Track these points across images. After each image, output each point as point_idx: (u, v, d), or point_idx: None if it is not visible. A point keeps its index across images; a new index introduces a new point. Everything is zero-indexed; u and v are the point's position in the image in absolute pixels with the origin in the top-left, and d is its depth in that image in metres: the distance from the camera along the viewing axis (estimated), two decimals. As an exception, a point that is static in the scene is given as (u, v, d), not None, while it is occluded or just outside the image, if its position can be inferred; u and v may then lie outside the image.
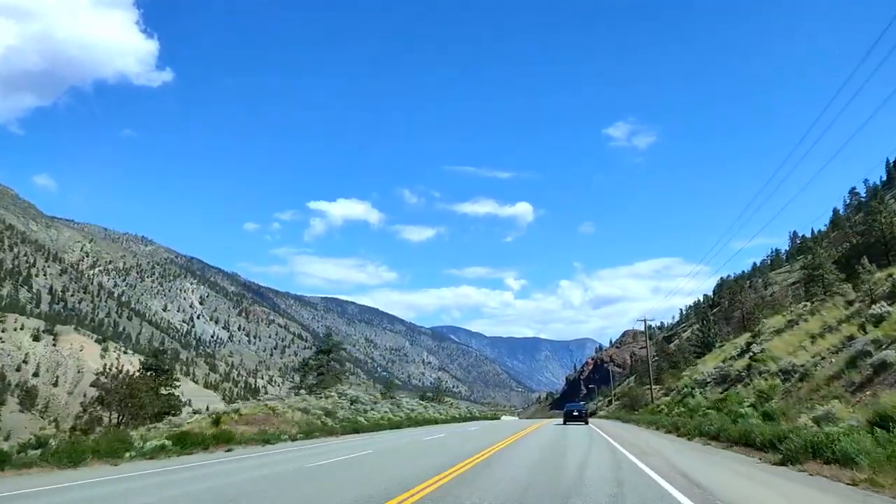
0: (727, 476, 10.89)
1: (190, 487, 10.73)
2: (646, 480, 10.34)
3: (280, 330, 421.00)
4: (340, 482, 10.90)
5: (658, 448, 17.61)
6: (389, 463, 14.61)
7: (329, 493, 9.52)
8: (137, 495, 9.93)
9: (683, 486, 9.42)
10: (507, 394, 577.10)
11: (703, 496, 8.58)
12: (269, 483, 10.95)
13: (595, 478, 10.63)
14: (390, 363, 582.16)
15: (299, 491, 9.93)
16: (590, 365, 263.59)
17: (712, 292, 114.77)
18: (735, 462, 13.09)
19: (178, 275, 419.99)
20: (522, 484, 9.94)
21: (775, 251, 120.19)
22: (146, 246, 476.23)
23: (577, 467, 12.49)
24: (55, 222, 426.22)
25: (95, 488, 11.11)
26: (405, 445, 21.36)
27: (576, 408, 44.01)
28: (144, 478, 12.71)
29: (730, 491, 9.00)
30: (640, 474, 11.21)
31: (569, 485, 9.84)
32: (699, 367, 45.39)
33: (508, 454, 16.10)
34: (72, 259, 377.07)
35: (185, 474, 13.21)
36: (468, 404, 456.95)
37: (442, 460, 14.15)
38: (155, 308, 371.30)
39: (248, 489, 10.20)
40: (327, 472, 12.60)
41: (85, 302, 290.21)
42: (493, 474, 11.36)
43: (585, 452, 16.25)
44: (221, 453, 19.62)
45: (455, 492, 9.09)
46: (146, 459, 17.27)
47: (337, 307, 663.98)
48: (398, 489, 9.38)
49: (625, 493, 8.95)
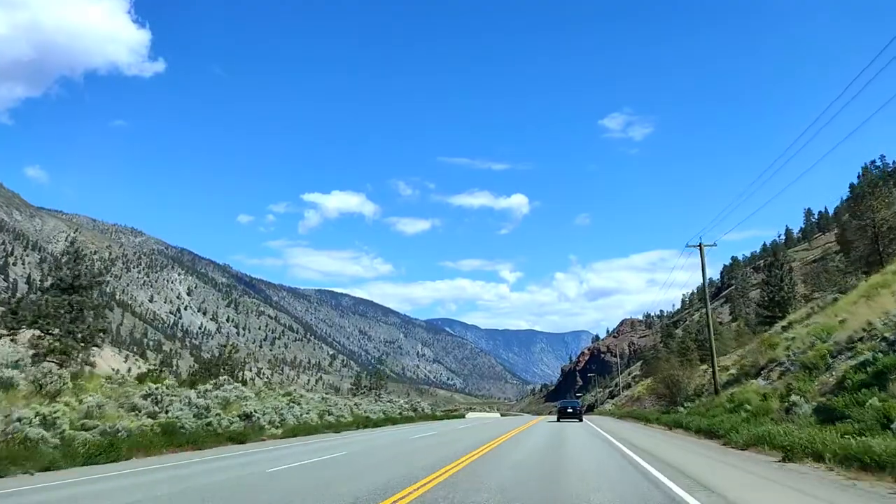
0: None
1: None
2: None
3: (270, 321, 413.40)
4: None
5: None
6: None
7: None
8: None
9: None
10: (503, 386, 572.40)
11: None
12: None
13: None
14: (384, 355, 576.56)
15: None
16: (585, 355, 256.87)
17: (719, 275, 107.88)
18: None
19: (166, 265, 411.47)
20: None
21: (786, 231, 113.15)
22: (136, 237, 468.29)
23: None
24: (40, 212, 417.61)
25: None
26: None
27: (570, 405, 43.62)
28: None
29: None
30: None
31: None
32: (788, 335, 27.77)
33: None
34: (56, 249, 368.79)
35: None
36: (463, 396, 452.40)
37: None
38: (141, 299, 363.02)
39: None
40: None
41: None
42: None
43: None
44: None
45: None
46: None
47: (331, 299, 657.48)
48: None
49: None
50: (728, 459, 13.78)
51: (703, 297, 37.87)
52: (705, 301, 37.07)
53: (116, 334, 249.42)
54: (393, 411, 39.77)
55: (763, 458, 13.35)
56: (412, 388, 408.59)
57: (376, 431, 29.69)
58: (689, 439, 20.70)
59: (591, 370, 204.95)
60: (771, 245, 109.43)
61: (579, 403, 48.01)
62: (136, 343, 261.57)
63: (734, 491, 8.86)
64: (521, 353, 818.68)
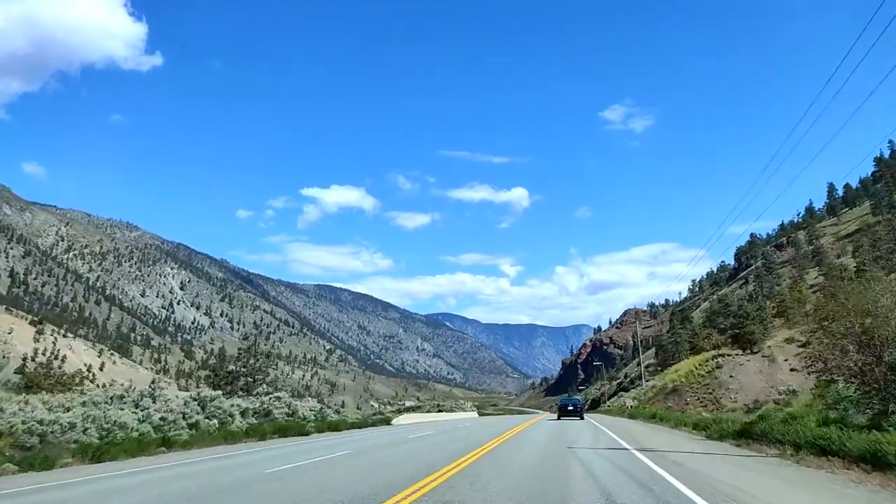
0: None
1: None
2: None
3: (265, 316, 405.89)
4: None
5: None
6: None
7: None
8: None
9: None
10: (503, 380, 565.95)
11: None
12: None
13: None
14: (384, 350, 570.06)
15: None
16: (587, 347, 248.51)
17: (733, 258, 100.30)
18: None
19: (159, 259, 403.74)
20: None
21: (809, 207, 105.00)
22: (131, 232, 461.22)
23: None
24: (31, 207, 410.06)
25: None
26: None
27: (570, 402, 42.24)
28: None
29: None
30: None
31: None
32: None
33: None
34: (46, 243, 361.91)
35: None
36: (463, 391, 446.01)
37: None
38: (132, 293, 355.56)
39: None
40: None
41: (49, 285, 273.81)
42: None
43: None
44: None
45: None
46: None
47: (330, 294, 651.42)
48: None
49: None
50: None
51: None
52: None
53: (102, 329, 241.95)
54: (277, 412, 24.70)
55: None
56: (410, 383, 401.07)
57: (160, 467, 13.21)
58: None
59: (592, 363, 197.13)
60: (790, 224, 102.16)
61: (580, 401, 47.29)
62: (122, 338, 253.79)
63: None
64: (522, 348, 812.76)
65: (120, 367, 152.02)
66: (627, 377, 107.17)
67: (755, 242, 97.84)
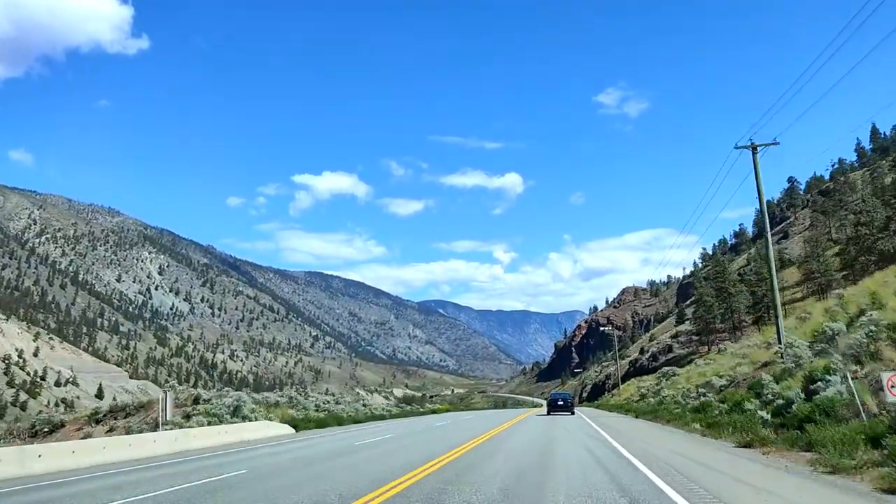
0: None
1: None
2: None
3: (248, 301, 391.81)
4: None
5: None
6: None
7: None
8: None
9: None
10: (496, 367, 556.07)
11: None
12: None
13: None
14: (375, 337, 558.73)
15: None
16: (582, 329, 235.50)
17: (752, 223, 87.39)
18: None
19: (136, 244, 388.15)
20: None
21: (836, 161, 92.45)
22: (113, 217, 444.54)
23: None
24: (3, 190, 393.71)
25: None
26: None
27: (561, 396, 44.07)
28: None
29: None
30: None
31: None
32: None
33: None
34: (18, 227, 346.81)
35: None
36: (455, 378, 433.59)
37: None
38: (107, 278, 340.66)
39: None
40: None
41: (10, 269, 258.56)
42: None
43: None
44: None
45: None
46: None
47: (321, 281, 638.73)
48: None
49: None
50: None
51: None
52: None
53: (66, 314, 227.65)
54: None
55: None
56: (399, 370, 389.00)
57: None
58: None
59: (588, 345, 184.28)
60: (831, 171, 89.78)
61: (570, 395, 51.02)
62: (88, 323, 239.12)
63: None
64: (515, 334, 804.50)
65: (59, 352, 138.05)
66: (646, 352, 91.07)
67: (794, 191, 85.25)
